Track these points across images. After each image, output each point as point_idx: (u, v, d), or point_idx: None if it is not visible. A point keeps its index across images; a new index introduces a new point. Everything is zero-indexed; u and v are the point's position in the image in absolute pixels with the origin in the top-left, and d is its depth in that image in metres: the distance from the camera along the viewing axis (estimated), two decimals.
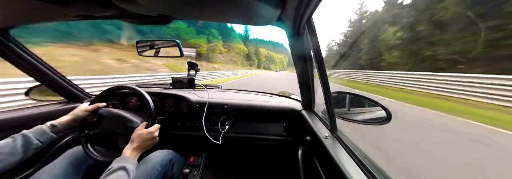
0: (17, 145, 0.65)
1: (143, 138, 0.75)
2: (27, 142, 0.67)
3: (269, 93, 1.57)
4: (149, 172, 0.83)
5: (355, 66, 21.80)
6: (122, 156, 0.68)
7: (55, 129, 0.75)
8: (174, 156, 1.04)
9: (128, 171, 0.61)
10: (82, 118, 0.85)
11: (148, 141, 0.77)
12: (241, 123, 1.27)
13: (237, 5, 0.48)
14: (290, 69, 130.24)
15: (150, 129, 0.79)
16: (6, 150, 0.63)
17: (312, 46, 0.65)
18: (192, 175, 1.16)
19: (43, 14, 0.63)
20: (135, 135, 0.75)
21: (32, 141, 0.68)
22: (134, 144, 0.73)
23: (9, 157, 0.63)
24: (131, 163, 0.65)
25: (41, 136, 0.71)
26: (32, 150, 0.68)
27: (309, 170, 0.89)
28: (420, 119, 4.35)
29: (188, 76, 1.33)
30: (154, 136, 0.79)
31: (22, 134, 0.68)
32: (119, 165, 0.61)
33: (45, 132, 0.72)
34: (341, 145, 0.71)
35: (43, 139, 0.71)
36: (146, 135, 0.76)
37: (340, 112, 0.88)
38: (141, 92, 0.94)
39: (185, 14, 0.64)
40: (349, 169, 0.55)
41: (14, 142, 0.65)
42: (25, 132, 0.69)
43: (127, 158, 0.67)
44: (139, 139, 0.74)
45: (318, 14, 26.33)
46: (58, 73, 1.07)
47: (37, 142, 0.69)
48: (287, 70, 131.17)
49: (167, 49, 1.18)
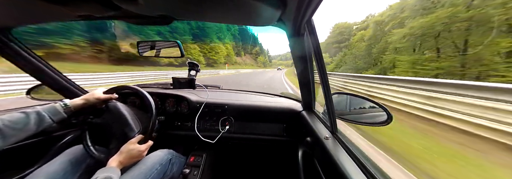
0: (30, 122, 0.65)
1: (131, 155, 0.77)
2: (40, 119, 0.68)
3: (270, 94, 1.57)
4: (147, 171, 0.83)
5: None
6: (108, 166, 0.70)
7: (67, 109, 0.77)
8: (173, 156, 1.04)
9: None
10: (93, 103, 0.87)
11: (134, 158, 0.78)
12: (241, 124, 1.26)
13: (237, 5, 0.49)
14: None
15: (140, 147, 0.80)
16: (19, 126, 0.63)
17: (313, 46, 0.65)
18: (192, 175, 1.16)
19: (45, 14, 0.64)
20: (125, 149, 0.77)
21: (45, 119, 0.69)
22: (121, 157, 0.74)
23: (21, 133, 0.64)
24: (115, 173, 0.67)
25: (54, 115, 0.72)
26: (43, 127, 0.69)
27: (309, 171, 0.89)
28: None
29: (189, 76, 1.33)
30: (142, 155, 0.81)
31: (37, 112, 0.68)
32: (105, 175, 0.62)
33: (58, 112, 0.74)
34: (341, 146, 0.71)
35: (55, 118, 0.72)
36: (135, 152, 0.78)
37: (341, 113, 0.87)
38: (143, 92, 0.94)
39: (185, 15, 0.64)
40: (350, 171, 0.55)
41: (27, 119, 0.65)
42: (39, 109, 0.69)
43: (113, 169, 0.68)
44: (127, 155, 0.76)
45: (318, 14, 23.41)
46: (59, 72, 1.07)
47: (49, 120, 0.70)
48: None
49: (168, 49, 1.18)
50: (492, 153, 2.35)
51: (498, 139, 2.50)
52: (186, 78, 1.27)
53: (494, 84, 2.82)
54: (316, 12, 0.51)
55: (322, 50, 0.66)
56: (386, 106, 0.73)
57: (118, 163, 0.72)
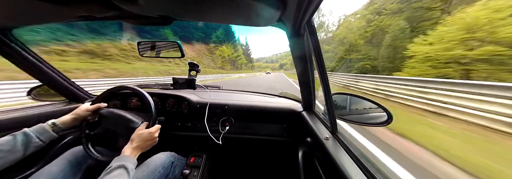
0: (17, 143, 0.64)
1: (143, 138, 0.75)
2: (27, 140, 0.67)
3: (270, 94, 1.57)
4: (150, 174, 0.84)
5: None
6: (122, 155, 0.68)
7: (56, 128, 0.76)
8: (176, 158, 1.04)
9: (127, 170, 0.61)
10: (83, 117, 0.86)
11: (148, 141, 0.77)
12: (241, 124, 1.26)
13: (237, 6, 0.49)
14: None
15: (150, 130, 0.79)
16: (6, 147, 0.62)
17: (312, 46, 0.65)
18: (192, 176, 1.15)
19: (45, 15, 0.64)
20: (135, 135, 0.75)
21: (32, 139, 0.67)
22: (133, 143, 0.73)
23: (9, 155, 0.62)
24: (130, 162, 0.65)
25: (42, 135, 0.71)
26: (32, 148, 0.68)
27: (310, 171, 0.88)
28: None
29: (189, 77, 1.33)
30: (154, 136, 0.79)
31: (23, 132, 0.68)
32: (118, 164, 0.61)
33: (45, 131, 0.72)
34: (342, 147, 0.70)
35: (43, 137, 0.71)
36: (146, 135, 0.76)
37: (341, 113, 0.87)
38: (142, 92, 0.94)
39: (186, 15, 0.64)
40: (350, 171, 0.55)
41: (14, 140, 0.64)
42: (26, 130, 0.69)
43: (126, 157, 0.67)
44: (139, 139, 0.74)
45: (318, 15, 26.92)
46: (60, 73, 1.07)
47: (37, 140, 0.69)
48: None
49: (168, 50, 1.18)
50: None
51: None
52: (186, 78, 1.27)
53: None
54: (316, 13, 0.51)
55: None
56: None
57: (131, 151, 0.70)
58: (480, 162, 2.10)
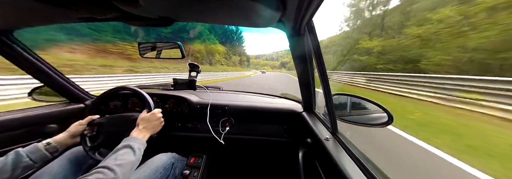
0: (7, 162, 0.61)
1: (148, 120, 0.75)
2: (18, 160, 0.63)
3: (270, 95, 1.57)
4: (152, 175, 0.84)
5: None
6: (129, 137, 0.68)
7: (50, 148, 0.72)
8: (176, 159, 1.04)
9: (133, 149, 0.61)
10: (79, 132, 0.83)
11: (153, 122, 0.77)
12: (242, 125, 1.26)
13: (238, 7, 0.49)
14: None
15: (152, 112, 0.80)
16: None
17: (313, 47, 0.65)
18: (192, 176, 1.15)
19: (46, 16, 0.64)
20: (139, 120, 0.76)
21: (22, 159, 0.64)
22: (139, 127, 0.73)
23: None
24: (137, 142, 0.65)
25: (33, 154, 0.67)
26: (20, 168, 0.63)
27: (310, 172, 0.88)
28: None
29: (189, 77, 1.34)
30: (157, 116, 0.79)
31: (15, 152, 0.65)
32: (124, 144, 0.62)
33: (38, 150, 0.69)
34: (342, 147, 0.70)
35: (34, 157, 0.67)
36: (150, 116, 0.77)
37: (341, 114, 0.87)
38: (142, 93, 0.94)
39: (186, 16, 0.64)
40: (350, 172, 0.55)
41: (5, 160, 0.62)
42: (18, 150, 0.66)
43: (133, 138, 0.67)
44: (143, 122, 0.75)
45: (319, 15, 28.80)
46: (61, 74, 1.07)
47: (27, 160, 0.65)
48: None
49: (169, 50, 1.18)
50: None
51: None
52: (186, 79, 1.27)
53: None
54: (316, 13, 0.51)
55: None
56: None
57: (138, 132, 0.70)
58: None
